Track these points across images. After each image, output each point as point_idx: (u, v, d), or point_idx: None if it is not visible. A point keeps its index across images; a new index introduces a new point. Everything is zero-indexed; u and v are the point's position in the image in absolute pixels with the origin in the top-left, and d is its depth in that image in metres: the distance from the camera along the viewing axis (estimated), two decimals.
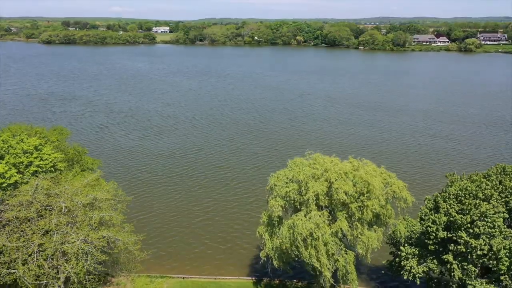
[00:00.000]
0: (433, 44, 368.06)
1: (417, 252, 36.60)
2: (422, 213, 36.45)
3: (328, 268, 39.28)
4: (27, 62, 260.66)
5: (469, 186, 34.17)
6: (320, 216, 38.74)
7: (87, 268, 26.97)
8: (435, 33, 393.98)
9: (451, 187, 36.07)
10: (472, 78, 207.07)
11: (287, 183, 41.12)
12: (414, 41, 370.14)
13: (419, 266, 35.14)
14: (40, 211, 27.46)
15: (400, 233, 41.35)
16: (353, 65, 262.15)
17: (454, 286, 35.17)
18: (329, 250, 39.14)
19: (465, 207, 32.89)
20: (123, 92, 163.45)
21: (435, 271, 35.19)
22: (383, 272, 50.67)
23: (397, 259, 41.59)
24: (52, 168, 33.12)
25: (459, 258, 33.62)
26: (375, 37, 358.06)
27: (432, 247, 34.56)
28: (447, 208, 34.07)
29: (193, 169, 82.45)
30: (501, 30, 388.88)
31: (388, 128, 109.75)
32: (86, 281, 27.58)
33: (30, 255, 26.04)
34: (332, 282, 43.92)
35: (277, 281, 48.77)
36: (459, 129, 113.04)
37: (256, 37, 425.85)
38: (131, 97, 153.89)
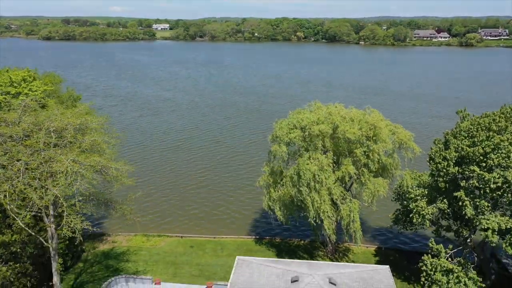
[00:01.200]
0: (434, 40, 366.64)
1: (426, 193, 34.86)
2: (431, 152, 34.65)
3: (329, 217, 37.54)
4: (25, 54, 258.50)
5: (482, 120, 32.47)
6: (325, 158, 37.08)
7: (78, 188, 25.22)
8: (436, 28, 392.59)
9: (462, 123, 34.26)
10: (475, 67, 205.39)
11: (291, 129, 39.49)
12: (414, 37, 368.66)
13: (428, 207, 33.35)
14: (27, 131, 25.72)
15: (407, 184, 39.56)
16: (353, 57, 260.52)
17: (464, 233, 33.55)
18: (333, 195, 37.44)
19: (477, 140, 31.15)
20: (121, 80, 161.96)
21: (446, 211, 33.42)
22: (387, 234, 49.58)
23: (403, 209, 39.85)
24: (42, 100, 31.39)
25: (471, 195, 31.87)
26: (375, 32, 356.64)
27: (443, 184, 32.81)
28: (457, 144, 32.33)
29: (190, 143, 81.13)
30: (502, 26, 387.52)
31: (387, 110, 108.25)
32: (78, 208, 25.78)
33: (15, 174, 24.35)
34: (334, 238, 42.31)
35: (279, 240, 47.04)
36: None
37: (256, 34, 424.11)
38: (129, 84, 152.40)
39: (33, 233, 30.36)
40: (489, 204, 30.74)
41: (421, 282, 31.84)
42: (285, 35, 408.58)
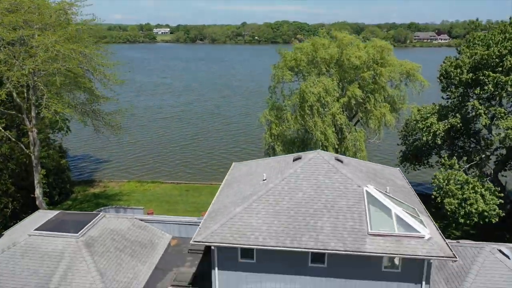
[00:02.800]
0: (434, 42, 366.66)
1: (437, 108, 32.68)
2: (442, 68, 32.52)
3: (334, 143, 35.31)
4: None
5: (500, 25, 30.41)
6: (330, 81, 34.95)
7: (59, 68, 23.03)
8: (436, 30, 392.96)
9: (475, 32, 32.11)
10: None
11: (296, 54, 37.62)
12: (415, 38, 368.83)
13: (439, 123, 31.10)
14: (8, 8, 23.60)
15: (415, 116, 37.30)
16: None
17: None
18: (337, 120, 35.20)
19: (492, 42, 29.04)
20: (117, 69, 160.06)
21: (458, 126, 31.16)
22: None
23: (411, 145, 37.58)
24: None
25: (486, 104, 29.69)
26: (376, 34, 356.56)
27: (455, 94, 30.68)
28: (470, 54, 30.23)
29: (185, 116, 79.05)
30: None
31: None
32: (58, 84, 23.52)
33: None
34: None
35: None
36: None
37: (256, 37, 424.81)
38: (125, 74, 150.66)
39: (13, 139, 28.16)
40: (506, 111, 28.56)
41: (432, 196, 29.47)
42: (286, 37, 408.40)
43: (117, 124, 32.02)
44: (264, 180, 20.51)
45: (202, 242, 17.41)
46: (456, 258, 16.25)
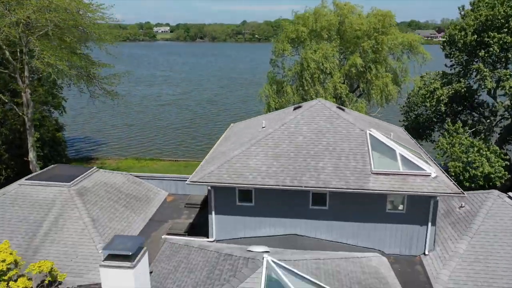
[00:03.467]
0: (434, 39, 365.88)
1: (441, 74, 32.00)
2: (445, 35, 31.82)
3: None
4: None
5: None
6: (330, 47, 34.27)
7: (51, 20, 22.34)
8: (437, 28, 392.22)
9: None
10: None
11: (297, 25, 36.95)
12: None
13: (443, 88, 30.39)
14: None
15: (418, 85, 36.41)
16: None
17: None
18: (337, 89, 34.50)
19: (497, 2, 28.33)
20: (116, 62, 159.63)
21: (462, 92, 30.47)
22: None
23: (414, 118, 36.84)
24: None
25: (491, 67, 28.98)
26: None
27: (459, 59, 29.99)
28: (474, 16, 29.52)
29: (183, 103, 78.26)
30: None
31: None
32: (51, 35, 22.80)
33: None
34: None
35: None
36: None
37: (256, 35, 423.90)
38: (123, 66, 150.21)
39: (6, 100, 27.46)
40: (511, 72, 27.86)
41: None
42: None
43: (113, 91, 31.38)
44: (263, 127, 19.80)
45: (198, 182, 16.70)
46: (464, 194, 15.55)
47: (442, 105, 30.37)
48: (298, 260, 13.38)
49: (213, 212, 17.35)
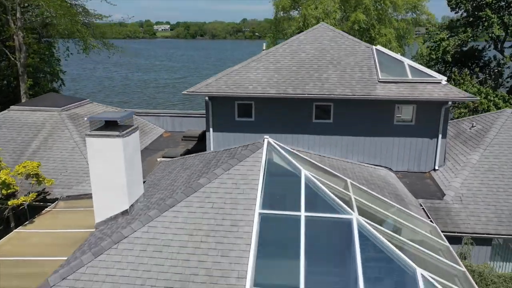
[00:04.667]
0: None
1: (447, 24, 31.10)
2: None
3: None
4: None
5: None
6: (331, 2, 33.38)
7: None
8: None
9: None
10: None
11: None
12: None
13: (450, 39, 29.50)
14: None
15: (421, 51, 35.62)
16: None
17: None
18: None
19: None
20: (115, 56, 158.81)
21: (468, 43, 29.57)
22: None
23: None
24: None
25: (499, 14, 28.06)
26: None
27: (466, 6, 29.06)
28: None
29: (180, 86, 77.21)
30: None
31: None
32: None
33: None
34: None
35: None
36: None
37: (257, 33, 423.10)
38: (121, 59, 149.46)
39: None
40: None
41: None
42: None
43: (111, 43, 30.60)
44: (263, 50, 18.91)
45: (195, 92, 15.79)
46: (478, 97, 14.64)
47: (449, 56, 29.45)
48: (301, 151, 12.43)
49: (211, 130, 16.44)
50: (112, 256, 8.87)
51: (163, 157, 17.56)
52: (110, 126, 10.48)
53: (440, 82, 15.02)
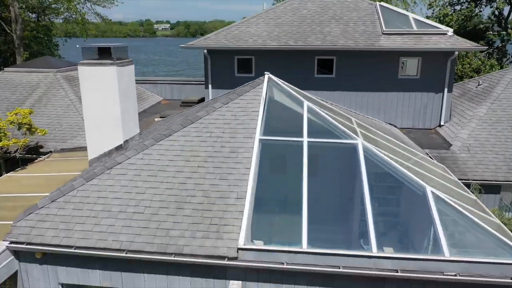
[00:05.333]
0: None
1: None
2: None
3: None
4: None
5: None
6: None
7: None
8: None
9: None
10: None
11: None
12: None
13: (453, 14, 29.06)
14: None
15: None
16: None
17: None
18: None
19: None
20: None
21: (472, 18, 29.09)
22: None
23: None
24: None
25: None
26: None
27: None
28: None
29: (176, 76, 77.34)
30: None
31: None
32: None
33: None
34: None
35: None
36: None
37: None
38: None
39: None
40: None
41: None
42: None
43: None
44: (263, 10, 18.44)
45: (195, 46, 15.36)
46: (486, 47, 14.19)
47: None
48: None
49: (209, 86, 16.00)
50: (105, 180, 8.41)
51: (160, 117, 17.10)
52: (104, 55, 10.00)
53: (446, 33, 14.57)
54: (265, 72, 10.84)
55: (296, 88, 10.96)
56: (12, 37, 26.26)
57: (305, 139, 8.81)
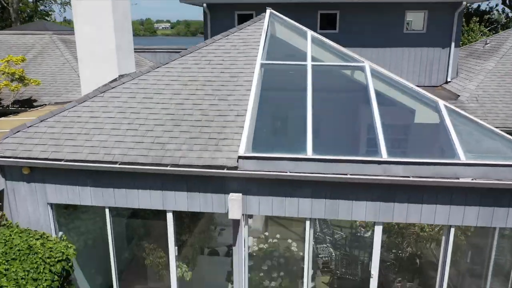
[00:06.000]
0: None
1: None
2: None
3: None
4: None
5: None
6: None
7: None
8: None
9: None
10: None
11: None
12: None
13: None
14: None
15: None
16: None
17: None
18: None
19: None
20: None
21: None
22: None
23: None
24: None
25: None
26: None
27: None
28: None
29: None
30: None
31: None
32: None
33: None
34: None
35: None
36: None
37: None
38: None
39: None
40: None
41: None
42: None
43: None
44: None
45: (193, 1, 14.88)
46: None
47: None
48: None
49: (209, 37, 15.47)
50: (97, 102, 7.96)
51: None
52: None
53: None
54: (267, 7, 10.40)
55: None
56: (9, 11, 25.82)
57: (309, 63, 8.36)
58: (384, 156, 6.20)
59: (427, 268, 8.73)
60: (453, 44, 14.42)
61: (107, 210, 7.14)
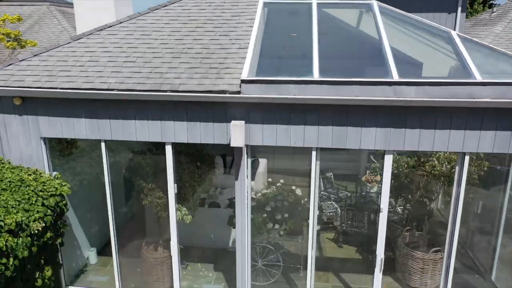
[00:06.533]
0: None
1: None
2: None
3: None
4: None
5: None
6: None
7: None
8: None
9: None
10: None
11: None
12: None
13: None
14: None
15: None
16: None
17: None
18: None
19: None
20: None
21: None
22: None
23: None
24: None
25: None
26: None
27: None
28: None
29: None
30: None
31: None
32: None
33: None
34: None
35: None
36: None
37: None
38: None
39: None
40: None
41: None
42: None
43: None
44: None
45: None
46: None
47: None
48: None
49: None
50: (94, 39, 7.63)
51: None
52: None
53: None
54: None
55: None
56: None
57: (314, 0, 8.03)
58: (395, 77, 5.87)
59: (436, 217, 8.41)
60: (459, 9, 14.04)
61: (103, 144, 6.81)
